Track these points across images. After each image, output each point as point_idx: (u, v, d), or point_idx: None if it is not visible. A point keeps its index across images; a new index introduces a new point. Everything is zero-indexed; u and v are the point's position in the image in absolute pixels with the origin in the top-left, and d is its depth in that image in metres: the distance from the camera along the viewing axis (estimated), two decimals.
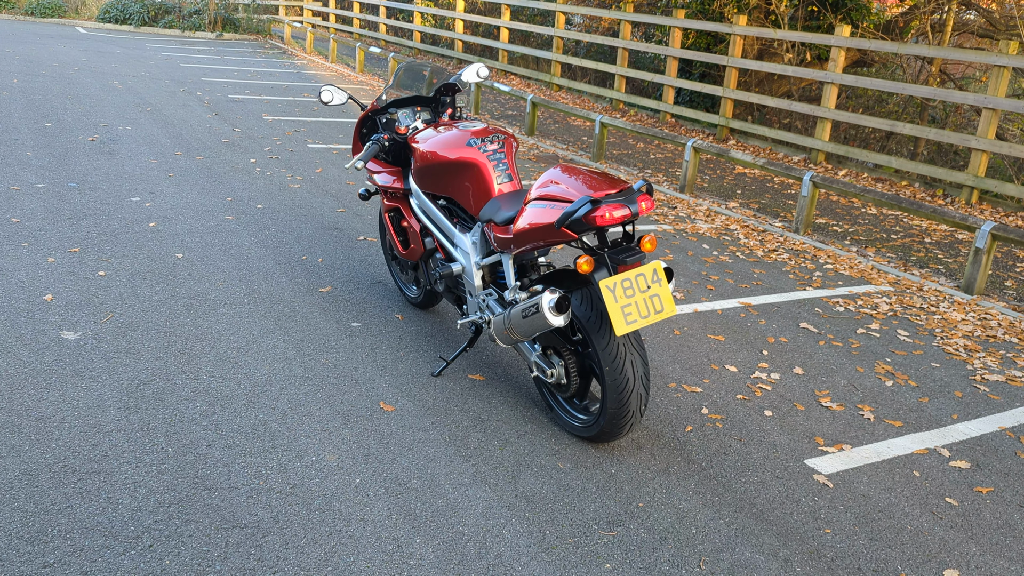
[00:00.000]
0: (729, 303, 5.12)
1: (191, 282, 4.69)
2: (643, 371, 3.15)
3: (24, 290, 4.38)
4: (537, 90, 13.97)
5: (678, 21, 11.09)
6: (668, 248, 6.12)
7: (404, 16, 19.02)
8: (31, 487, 2.83)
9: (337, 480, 3.04)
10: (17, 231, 5.23)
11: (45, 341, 3.87)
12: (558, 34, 13.57)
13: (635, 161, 9.47)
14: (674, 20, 11.15)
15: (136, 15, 19.97)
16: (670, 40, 11.38)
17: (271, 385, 3.66)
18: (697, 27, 10.84)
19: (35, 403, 3.34)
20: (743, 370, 4.22)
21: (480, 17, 15.56)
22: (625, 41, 12.11)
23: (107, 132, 8.34)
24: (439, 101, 4.34)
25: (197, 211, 6.00)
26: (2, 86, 10.36)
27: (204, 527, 2.72)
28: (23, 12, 21.33)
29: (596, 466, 3.27)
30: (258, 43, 19.27)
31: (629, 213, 2.97)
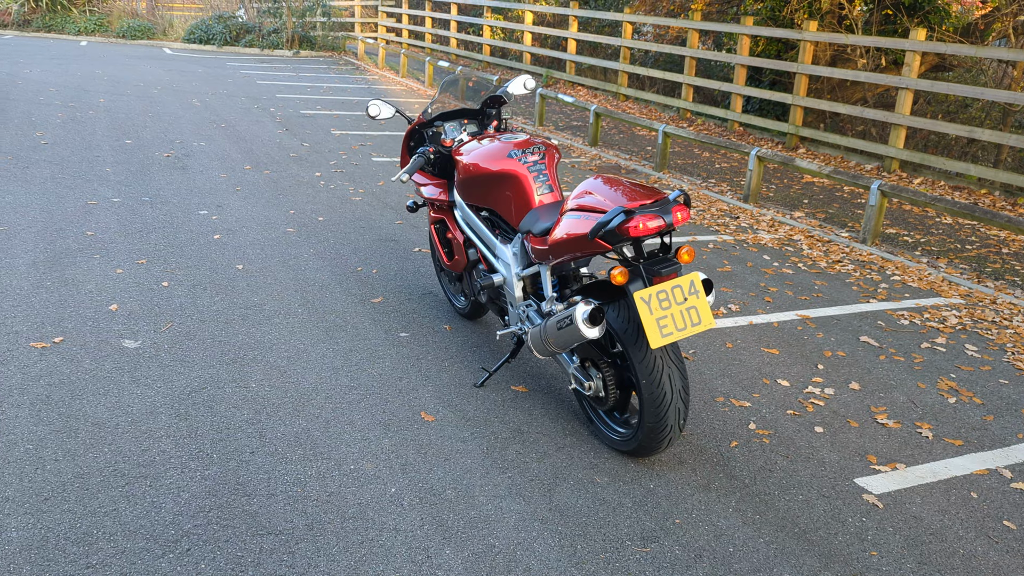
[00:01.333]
0: (786, 315, 4.99)
1: (248, 292, 4.82)
2: (681, 385, 3.09)
3: (92, 300, 4.57)
4: (604, 101, 13.93)
5: (746, 28, 10.91)
6: (727, 259, 6.01)
7: (474, 30, 19.22)
8: (82, 490, 2.95)
9: (373, 489, 3.07)
10: (91, 244, 5.47)
11: (107, 349, 4.03)
12: (625, 44, 13.51)
13: (699, 171, 9.34)
14: (742, 27, 10.97)
15: (219, 35, 20.70)
16: (738, 48, 11.20)
17: (317, 394, 3.73)
18: (766, 34, 10.64)
19: (92, 409, 3.48)
20: (796, 385, 4.10)
21: (548, 29, 15.61)
22: (692, 50, 11.97)
23: (182, 148, 8.66)
24: (485, 113, 4.36)
25: (260, 224, 6.17)
26: (90, 105, 10.87)
27: (240, 533, 2.78)
28: (115, 34, 22.38)
29: (634, 480, 3.22)
30: (333, 59, 19.74)
31: (663, 224, 2.93)
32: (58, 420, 3.38)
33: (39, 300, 4.52)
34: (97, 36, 22.40)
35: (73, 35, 22.52)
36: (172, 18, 23.42)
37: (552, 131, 11.26)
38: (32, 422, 3.35)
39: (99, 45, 20.55)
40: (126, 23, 22.29)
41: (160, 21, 22.91)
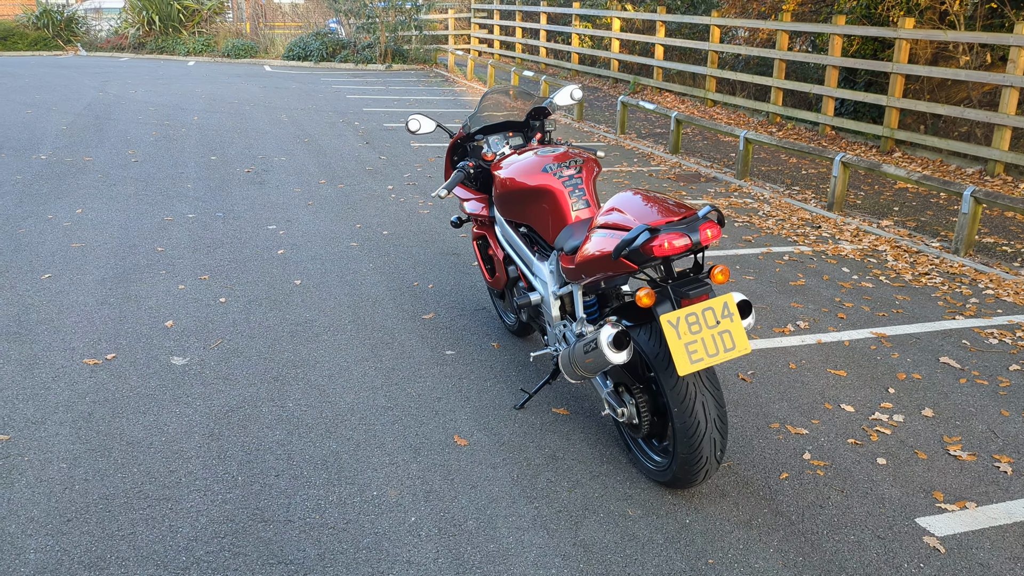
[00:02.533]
0: (859, 333, 4.65)
1: (302, 308, 4.82)
2: (717, 413, 2.87)
3: (151, 316, 4.66)
4: (691, 107, 13.57)
5: (837, 28, 10.41)
6: (802, 272, 5.68)
7: (563, 38, 19.10)
8: (104, 512, 2.96)
9: (392, 517, 2.97)
10: (159, 259, 5.60)
11: (155, 366, 4.08)
12: (712, 48, 13.12)
13: (783, 178, 8.93)
14: (833, 27, 10.47)
15: (316, 52, 21.27)
16: (829, 48, 10.69)
17: (352, 415, 3.67)
18: (858, 33, 10.12)
19: (130, 427, 3.51)
20: (861, 410, 3.79)
21: (635, 35, 15.34)
22: (780, 52, 11.51)
23: (263, 163, 8.85)
24: (530, 126, 4.22)
25: (325, 238, 6.20)
26: (183, 123, 11.28)
27: (251, 561, 2.73)
28: (221, 54, 23.31)
29: (669, 515, 3.02)
30: (424, 72, 19.98)
31: (690, 243, 2.73)
32: (95, 438, 3.42)
33: (100, 316, 4.63)
34: (204, 56, 23.37)
35: (182, 56, 23.57)
36: (274, 36, 24.23)
37: (634, 139, 11.01)
38: (71, 440, 3.40)
39: (205, 65, 21.42)
40: (230, 43, 23.19)
41: (262, 40, 23.73)
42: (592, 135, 11.28)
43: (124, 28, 25.97)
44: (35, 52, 24.82)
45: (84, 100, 13.16)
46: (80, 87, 14.95)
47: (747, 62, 14.00)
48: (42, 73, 17.52)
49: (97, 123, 11.05)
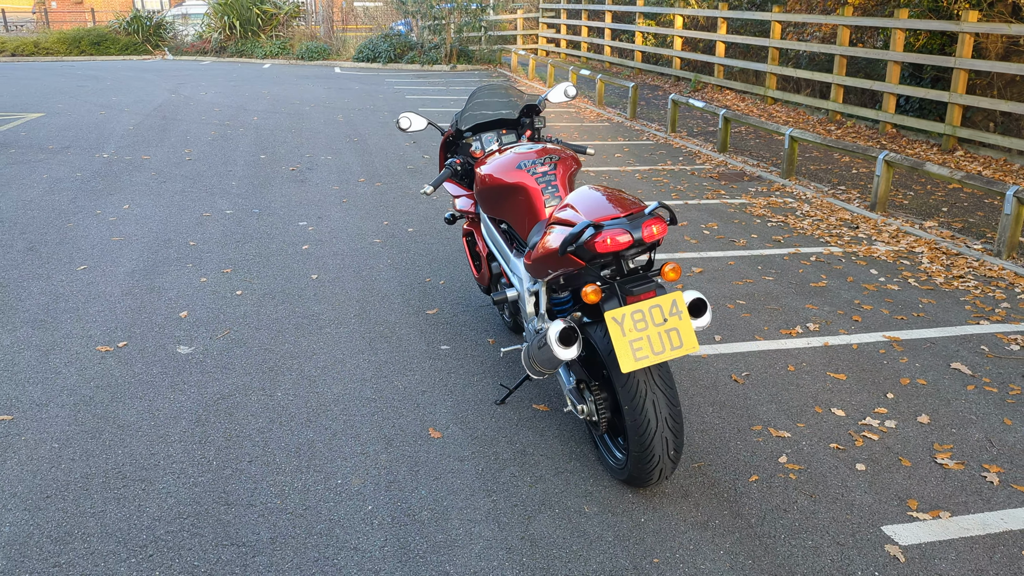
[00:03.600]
0: (871, 337, 4.50)
1: (312, 302, 4.94)
2: (669, 412, 2.84)
3: (168, 307, 4.85)
4: (751, 105, 13.30)
5: (899, 22, 10.05)
6: (826, 273, 5.52)
7: (627, 37, 18.96)
8: (82, 490, 3.10)
9: (350, 505, 3.03)
10: (189, 253, 5.82)
11: (161, 354, 4.25)
12: (773, 44, 12.83)
13: (831, 177, 8.68)
14: (895, 21, 10.11)
15: (384, 53, 21.65)
16: (891, 43, 10.33)
17: (336, 405, 3.75)
18: (920, 27, 9.75)
19: (124, 411, 3.67)
20: (852, 415, 3.68)
21: (696, 32, 15.12)
22: (841, 47, 11.18)
23: (309, 162, 9.08)
24: (522, 123, 4.23)
25: (351, 234, 6.33)
26: (243, 123, 11.65)
27: (206, 542, 2.83)
28: (295, 57, 23.95)
29: (625, 512, 3.00)
30: (487, 72, 20.11)
31: (631, 240, 2.70)
32: (90, 421, 3.59)
33: (122, 306, 4.84)
34: (280, 59, 24.06)
35: (260, 59, 24.32)
36: (346, 39, 24.77)
37: (683, 137, 10.87)
38: (67, 422, 3.58)
39: (279, 67, 22.05)
40: (304, 45, 23.81)
41: (334, 42, 24.29)
42: (641, 133, 11.19)
43: (207, 33, 26.95)
44: (125, 56, 25.97)
45: (156, 102, 13.72)
46: (155, 89, 15.59)
47: (812, 59, 13.64)
48: (124, 76, 18.33)
49: (163, 123, 11.51)
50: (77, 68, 20.89)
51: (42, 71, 19.71)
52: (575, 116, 12.74)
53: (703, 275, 5.47)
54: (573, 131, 11.27)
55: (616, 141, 10.57)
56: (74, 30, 27.91)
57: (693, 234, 6.41)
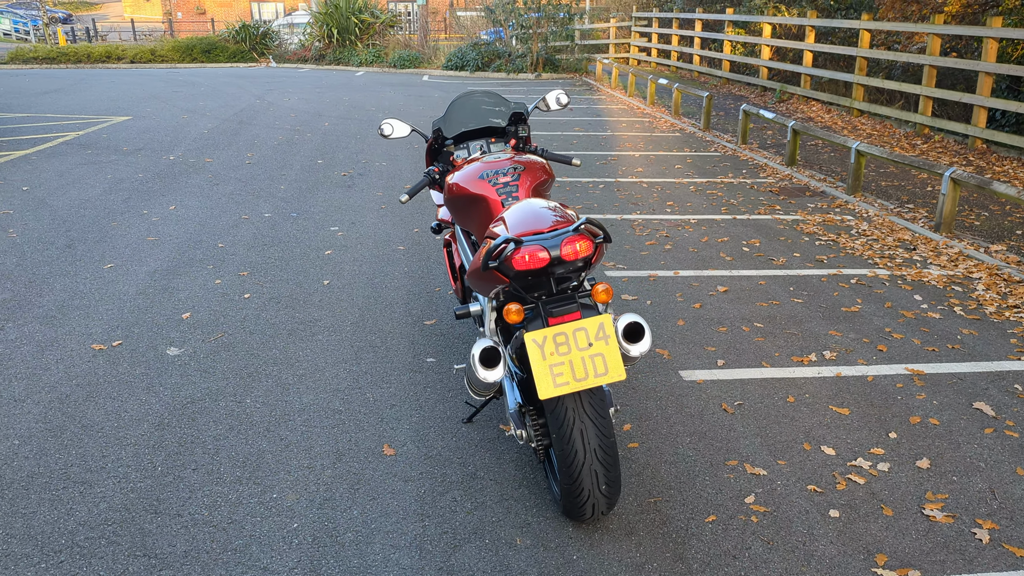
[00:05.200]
0: (891, 369, 4.11)
1: (314, 308, 4.89)
2: (599, 443, 2.61)
3: (174, 307, 4.89)
4: (836, 116, 12.68)
5: (992, 31, 9.35)
6: (862, 297, 5.11)
7: (715, 46, 18.45)
8: (23, 489, 3.10)
9: (275, 522, 2.92)
10: (214, 255, 5.88)
11: (150, 355, 4.26)
12: (860, 54, 12.18)
13: (901, 194, 8.12)
14: (987, 30, 9.42)
15: (472, 62, 21.77)
16: (983, 53, 9.63)
17: (299, 415, 3.66)
18: (1013, 36, 9.04)
19: (92, 411, 3.68)
20: (843, 454, 3.34)
21: (782, 41, 14.55)
22: (929, 57, 10.50)
23: (363, 168, 9.12)
24: (506, 131, 4.05)
25: (377, 241, 6.28)
26: (312, 129, 11.85)
27: (120, 551, 2.77)
28: (388, 64, 24.38)
29: (559, 548, 2.78)
30: (572, 81, 19.93)
31: (548, 258, 2.49)
32: (57, 419, 3.61)
33: (131, 305, 4.91)
34: (374, 67, 24.53)
35: (355, 66, 24.88)
36: (438, 47, 25.05)
37: (753, 149, 10.42)
38: (36, 419, 3.61)
39: (371, 74, 22.47)
40: (397, 54, 24.21)
41: (427, 51, 24.59)
42: (711, 145, 10.79)
43: (309, 41, 27.79)
44: (233, 64, 27.04)
45: (238, 107, 14.14)
46: (243, 95, 16.08)
47: (906, 69, 12.91)
48: (220, 83, 19.02)
49: (237, 128, 11.82)
50: (181, 75, 21.83)
51: (148, 77, 20.68)
52: (647, 126, 12.43)
53: (726, 295, 5.15)
54: (639, 141, 10.98)
55: (680, 152, 10.23)
56: (187, 39, 29.27)
57: (731, 251, 6.08)
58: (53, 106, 13.94)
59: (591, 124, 12.54)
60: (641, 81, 17.30)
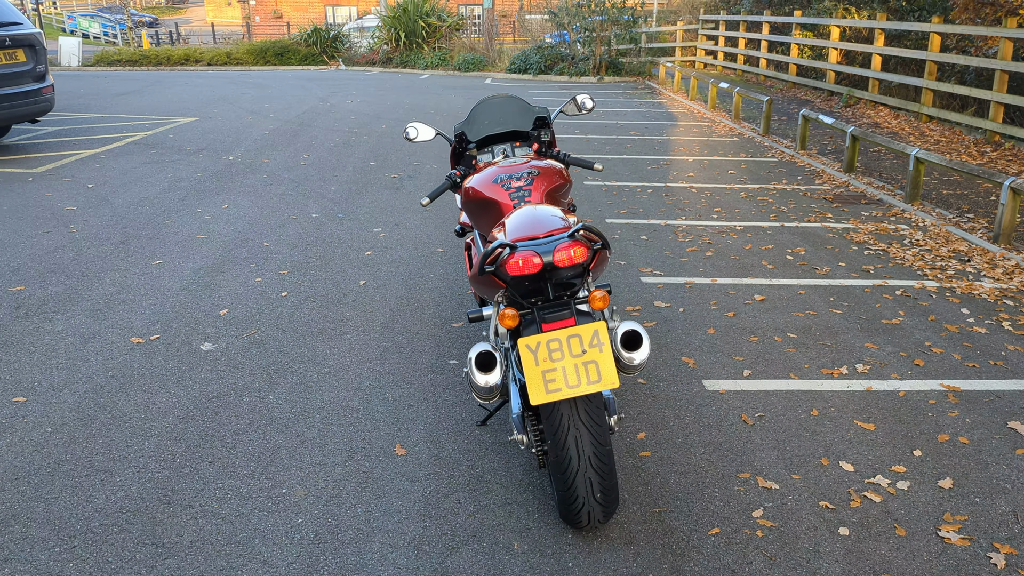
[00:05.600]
0: (926, 385, 3.98)
1: (346, 308, 4.97)
2: (594, 451, 2.59)
3: (213, 304, 5.02)
4: (905, 122, 12.31)
5: None
6: (906, 310, 4.96)
7: (782, 49, 18.10)
8: (49, 475, 3.23)
9: (281, 517, 2.98)
10: (259, 253, 6.02)
11: (184, 350, 4.39)
12: (929, 57, 11.80)
13: (962, 203, 7.84)
14: None
15: (535, 65, 21.81)
16: None
17: (318, 413, 3.73)
18: None
19: (123, 402, 3.81)
20: (862, 471, 3.25)
21: (849, 44, 14.19)
22: (1001, 62, 10.11)
23: (413, 170, 9.22)
24: (529, 136, 4.04)
25: (417, 243, 6.34)
26: (369, 131, 12.03)
27: (130, 539, 2.86)
28: (453, 67, 24.58)
29: (555, 554, 2.77)
30: (634, 84, 19.79)
31: (540, 263, 2.48)
32: (89, 409, 3.75)
33: (172, 301, 5.07)
34: (439, 70, 24.77)
35: (421, 69, 25.16)
36: (503, 50, 25.16)
37: (812, 155, 10.19)
38: (69, 408, 3.75)
39: (436, 77, 22.70)
40: (462, 57, 24.40)
41: (491, 54, 24.72)
42: (768, 150, 10.59)
43: (377, 44, 28.21)
44: (304, 67, 27.61)
45: (301, 109, 14.45)
46: (308, 97, 16.42)
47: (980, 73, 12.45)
48: (287, 85, 19.46)
49: (297, 129, 12.08)
50: (252, 77, 22.40)
51: (220, 79, 21.27)
52: (705, 130, 12.26)
53: (762, 304, 5.05)
54: (695, 146, 10.85)
55: (736, 157, 10.06)
56: (261, 42, 30.01)
57: (773, 259, 5.96)
58: (127, 107, 14.46)
59: (648, 128, 12.43)
60: (703, 85, 17.10)
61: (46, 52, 10.19)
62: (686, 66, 22.48)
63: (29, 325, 4.68)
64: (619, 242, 6.35)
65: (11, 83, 9.38)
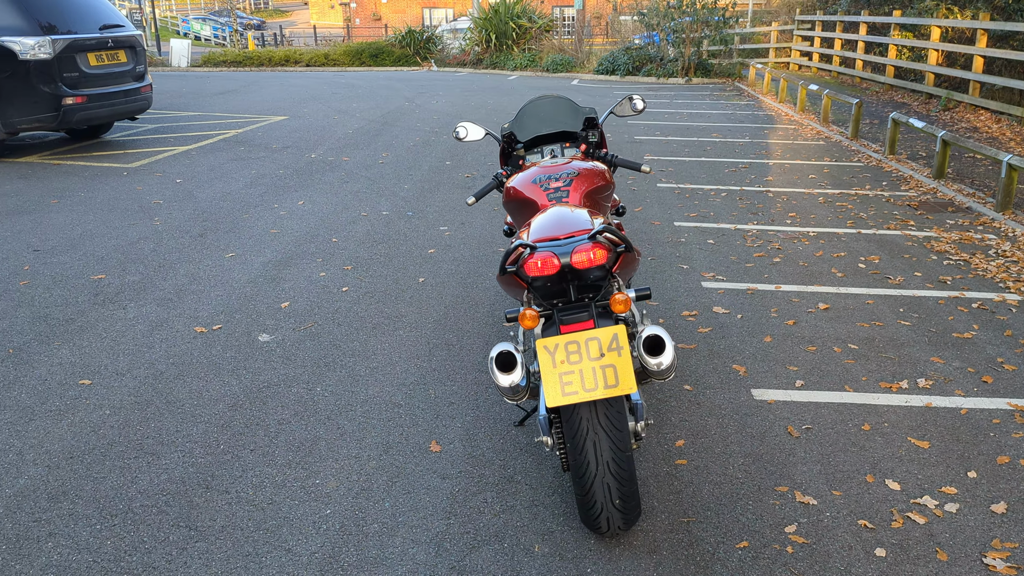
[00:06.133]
0: (992, 403, 3.77)
1: (403, 304, 5.04)
2: (612, 456, 2.55)
3: (276, 296, 5.17)
4: (1006, 127, 11.69)
5: None
6: (981, 324, 4.71)
7: (880, 50, 17.43)
8: (101, 455, 3.39)
9: (311, 507, 3.05)
10: (326, 249, 6.17)
11: (243, 340, 4.53)
12: None
13: None
14: None
15: (622, 66, 21.64)
16: None
17: (361, 407, 3.79)
18: None
19: (179, 389, 3.96)
20: (910, 490, 3.10)
21: (951, 45, 13.56)
22: None
23: (487, 169, 9.27)
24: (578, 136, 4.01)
25: (480, 241, 6.38)
26: (449, 131, 12.10)
27: (166, 521, 2.97)
28: (542, 69, 24.62)
29: (575, 559, 2.74)
30: (723, 86, 19.40)
31: (558, 265, 2.46)
32: (147, 394, 3.91)
33: (238, 292, 5.24)
34: (528, 71, 24.85)
35: (510, 70, 25.29)
36: (592, 51, 25.05)
37: (901, 160, 9.78)
38: (128, 392, 3.93)
39: (524, 79, 22.78)
40: (550, 58, 24.41)
41: (580, 55, 24.65)
42: (855, 154, 10.22)
43: (469, 46, 28.50)
44: (397, 68, 28.14)
45: (387, 108, 14.72)
46: (395, 97, 16.72)
47: None
48: (377, 85, 19.86)
49: (380, 128, 12.31)
50: (345, 78, 22.95)
51: (315, 79, 21.87)
52: (791, 133, 11.92)
53: (826, 312, 4.88)
54: (778, 149, 10.56)
55: (819, 161, 9.75)
56: (358, 44, 30.74)
57: (844, 266, 5.75)
58: (223, 106, 15.02)
59: (731, 130, 12.17)
60: (793, 86, 16.62)
61: (146, 53, 10.68)
62: (780, 67, 21.91)
63: (104, 312, 4.91)
64: (684, 246, 6.24)
65: (112, 82, 9.88)
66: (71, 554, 2.79)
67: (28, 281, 5.43)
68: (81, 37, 9.42)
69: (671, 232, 6.64)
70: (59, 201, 7.58)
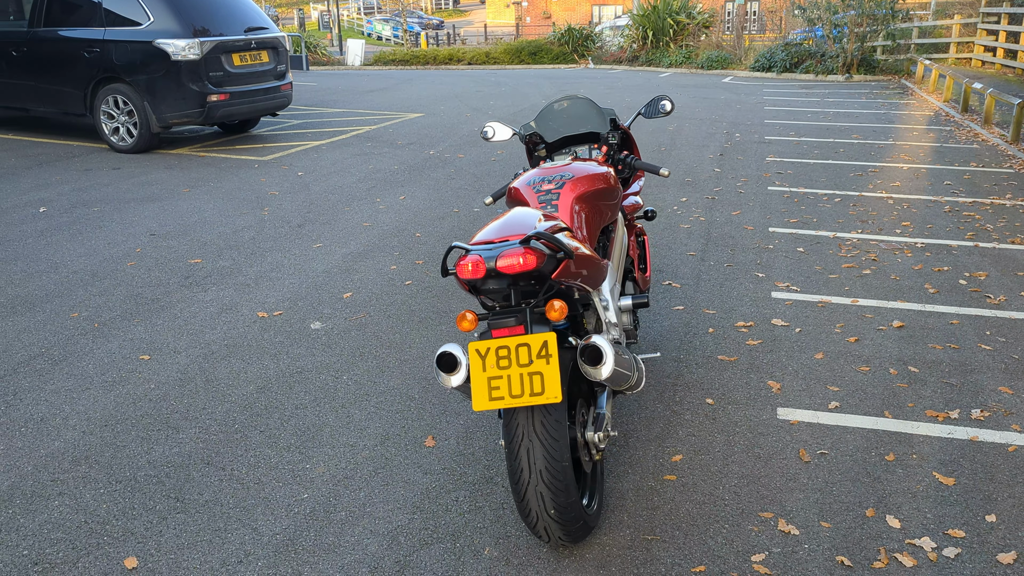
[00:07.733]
0: None
1: (454, 300, 5.11)
2: (545, 465, 2.49)
3: (341, 287, 5.38)
4: None
5: None
6: (1005, 336, 4.21)
7: None
8: (133, 425, 3.66)
9: (290, 490, 3.17)
10: (406, 243, 6.34)
11: (297, 327, 4.76)
12: None
13: None
14: None
15: (780, 62, 20.76)
16: None
17: (378, 397, 3.89)
18: None
19: (222, 369, 4.21)
20: (910, 530, 2.83)
21: None
22: None
23: None
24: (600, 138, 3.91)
25: None
26: None
27: (160, 491, 3.18)
28: (697, 66, 24.06)
29: (520, 566, 2.71)
30: (886, 83, 18.19)
31: (484, 270, 2.41)
32: (192, 371, 4.18)
33: (310, 281, 5.49)
34: (682, 68, 24.35)
35: (664, 67, 24.88)
36: (749, 48, 24.19)
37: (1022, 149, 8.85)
38: (177, 369, 4.22)
39: (676, 76, 22.34)
40: (705, 55, 23.79)
41: (738, 51, 23.86)
42: (1009, 160, 9.32)
43: (626, 43, 28.28)
44: (554, 65, 28.37)
45: (522, 106, 14.86)
46: (534, 95, 16.85)
47: None
48: (524, 83, 20.07)
49: None
50: (497, 75, 23.36)
51: (467, 77, 22.40)
52: (943, 135, 11.04)
53: (898, 331, 4.51)
54: (920, 152, 9.81)
55: (962, 167, 8.98)
56: (518, 42, 31.27)
57: (941, 282, 5.28)
58: (368, 103, 15.68)
59: (874, 131, 11.41)
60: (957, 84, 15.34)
61: (288, 53, 11.34)
62: (961, 64, 20.28)
63: (187, 294, 5.28)
64: (768, 253, 5.93)
65: (254, 81, 10.56)
66: (69, 513, 3.04)
67: (135, 262, 5.92)
68: (227, 39, 10.13)
69: (762, 238, 6.33)
70: (190, 190, 8.20)
